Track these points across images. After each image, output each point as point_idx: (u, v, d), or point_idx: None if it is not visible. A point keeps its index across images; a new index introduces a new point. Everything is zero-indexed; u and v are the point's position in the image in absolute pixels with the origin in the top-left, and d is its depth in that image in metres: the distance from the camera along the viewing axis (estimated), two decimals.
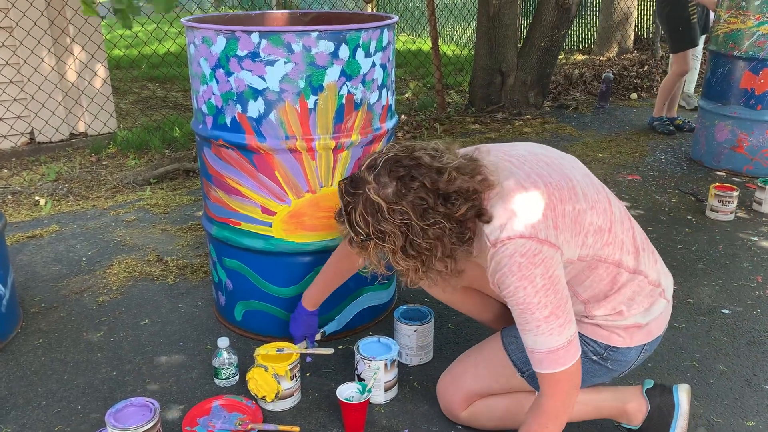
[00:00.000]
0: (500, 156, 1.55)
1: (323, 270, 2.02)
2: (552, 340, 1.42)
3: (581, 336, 1.63)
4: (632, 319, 1.58)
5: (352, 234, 1.43)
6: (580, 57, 8.05)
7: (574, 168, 1.58)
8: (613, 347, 1.61)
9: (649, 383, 1.77)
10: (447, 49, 8.13)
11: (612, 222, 1.53)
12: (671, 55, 4.76)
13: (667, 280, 1.66)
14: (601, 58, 7.76)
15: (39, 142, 4.48)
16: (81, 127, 4.68)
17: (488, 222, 1.42)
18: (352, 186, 1.43)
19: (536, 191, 1.45)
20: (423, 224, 1.37)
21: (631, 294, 1.56)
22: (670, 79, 4.78)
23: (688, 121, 5.00)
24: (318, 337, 2.14)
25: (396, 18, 2.17)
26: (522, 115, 5.44)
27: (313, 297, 2.05)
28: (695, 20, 4.58)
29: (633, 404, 1.74)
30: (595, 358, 1.64)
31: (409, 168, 1.38)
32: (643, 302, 1.58)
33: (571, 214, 1.46)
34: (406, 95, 6.29)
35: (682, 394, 1.72)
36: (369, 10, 6.14)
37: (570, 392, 1.48)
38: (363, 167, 1.42)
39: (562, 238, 1.44)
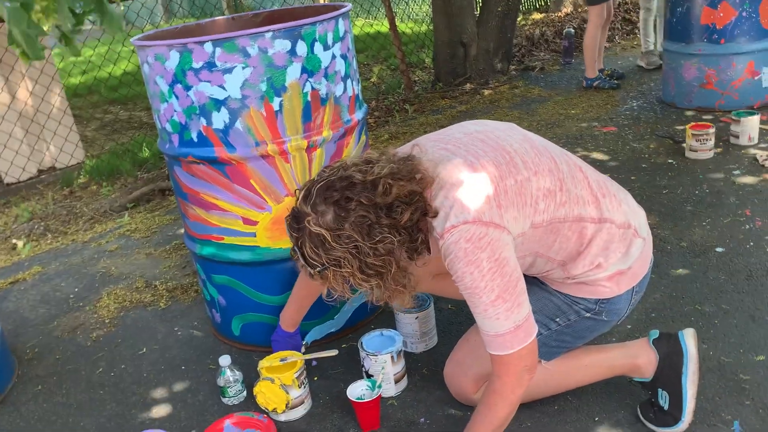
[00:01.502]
0: (436, 146, 1.53)
1: (294, 290, 1.98)
2: (498, 325, 1.43)
3: (570, 297, 1.63)
4: (613, 268, 1.58)
5: (309, 268, 1.41)
6: (538, 16, 8.02)
7: (511, 136, 1.56)
8: (603, 299, 1.61)
9: (655, 333, 1.76)
10: (405, 27, 8.07)
11: (561, 180, 1.51)
12: (588, 8, 4.70)
13: (638, 218, 1.64)
14: (559, 14, 7.73)
15: (7, 184, 4.38)
16: (48, 162, 4.58)
17: (435, 217, 1.42)
18: (295, 221, 1.41)
19: (474, 174, 1.43)
20: (371, 243, 1.35)
21: (604, 244, 1.55)
22: (590, 33, 4.68)
23: (615, 70, 5.01)
24: (302, 350, 2.10)
25: (350, 6, 2.12)
26: (489, 83, 5.41)
27: (290, 318, 2.02)
28: None
29: (642, 358, 1.73)
30: (588, 314, 1.64)
31: (342, 190, 1.36)
32: (618, 248, 1.57)
33: (513, 187, 1.45)
34: (372, 80, 6.23)
35: (689, 339, 1.72)
36: (321, 0, 6.05)
37: (520, 374, 1.48)
38: (299, 199, 1.41)
39: (507, 215, 1.42)
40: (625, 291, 1.62)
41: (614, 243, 1.57)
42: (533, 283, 1.68)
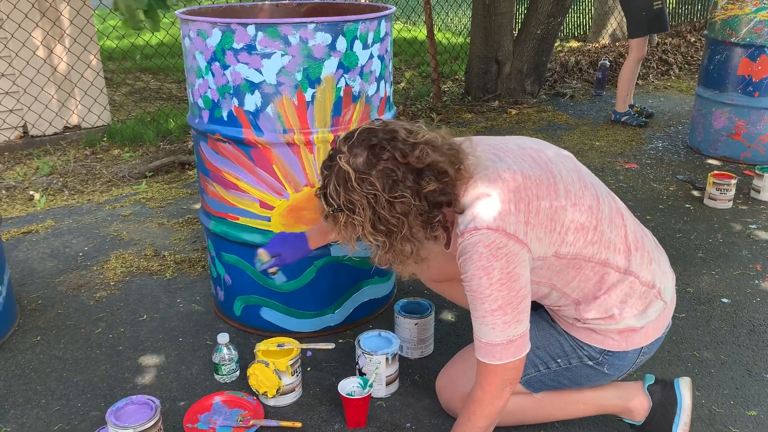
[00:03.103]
0: (486, 149, 1.54)
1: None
2: (492, 334, 1.44)
3: (577, 341, 1.61)
4: (625, 323, 1.56)
5: (326, 206, 1.43)
6: (575, 44, 8.02)
7: (563, 163, 1.55)
8: (609, 351, 1.59)
9: (650, 379, 1.76)
10: (442, 37, 8.09)
11: (599, 220, 1.50)
12: (629, 41, 4.70)
13: (666, 281, 1.61)
14: (596, 44, 7.73)
15: (32, 136, 4.44)
16: (74, 120, 4.64)
17: (461, 212, 1.43)
18: (329, 159, 1.44)
19: (512, 185, 1.44)
20: (389, 196, 1.37)
21: (623, 296, 1.53)
22: (629, 65, 4.67)
23: (645, 108, 5.02)
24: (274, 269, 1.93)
25: (393, 8, 2.14)
26: (518, 103, 5.42)
27: (315, 235, 1.89)
28: (659, 6, 4.52)
29: (635, 402, 1.73)
30: (590, 362, 1.62)
31: (381, 139, 1.39)
32: (636, 304, 1.55)
33: (547, 210, 1.44)
34: (402, 84, 6.25)
35: (684, 389, 1.72)
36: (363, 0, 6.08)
37: (502, 387, 1.48)
38: (340, 139, 1.44)
39: (532, 234, 1.42)
40: (632, 349, 1.59)
41: (633, 298, 1.54)
42: (545, 319, 1.68)
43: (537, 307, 1.75)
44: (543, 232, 1.44)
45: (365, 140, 1.39)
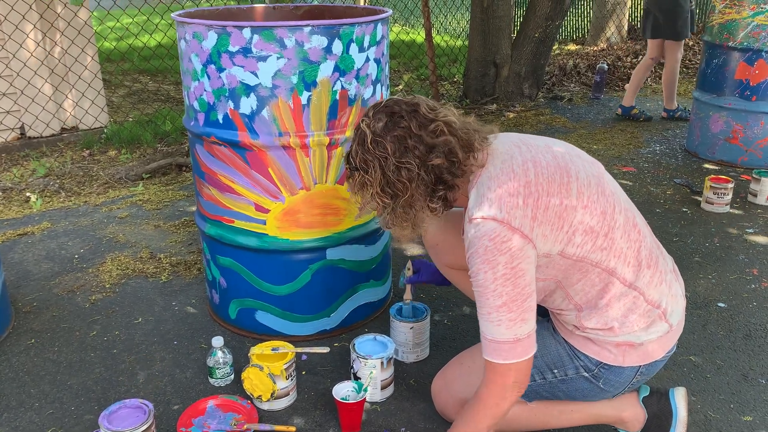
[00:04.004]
0: (512, 141, 1.55)
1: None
2: (498, 331, 1.44)
3: (574, 349, 1.60)
4: (624, 337, 1.54)
5: (346, 164, 1.54)
6: (573, 47, 8.02)
7: (585, 168, 1.53)
8: (605, 365, 1.57)
9: (646, 390, 1.74)
10: (440, 40, 8.09)
11: (610, 227, 1.48)
12: (670, 43, 4.74)
13: (674, 305, 1.58)
14: (595, 48, 7.73)
15: (29, 137, 4.44)
16: (72, 122, 4.64)
17: (466, 197, 1.48)
18: (358, 125, 1.53)
19: (524, 179, 1.44)
20: (397, 161, 1.44)
21: (625, 310, 1.52)
22: (674, 68, 4.79)
23: (643, 110, 5.08)
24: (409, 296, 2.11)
25: (390, 12, 2.14)
26: (515, 106, 5.42)
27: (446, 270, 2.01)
28: (693, 8, 4.71)
29: (629, 412, 1.72)
30: (586, 374, 1.60)
31: (403, 109, 1.47)
32: (638, 321, 1.53)
33: (556, 208, 1.43)
34: (400, 87, 6.25)
35: (680, 400, 1.71)
36: (362, 3, 6.08)
37: (507, 387, 1.47)
38: (371, 105, 1.54)
39: (538, 230, 1.42)
40: (629, 366, 1.57)
41: (636, 314, 1.53)
42: (546, 328, 1.68)
43: (544, 314, 1.75)
44: (549, 229, 1.43)
45: (388, 108, 1.48)
